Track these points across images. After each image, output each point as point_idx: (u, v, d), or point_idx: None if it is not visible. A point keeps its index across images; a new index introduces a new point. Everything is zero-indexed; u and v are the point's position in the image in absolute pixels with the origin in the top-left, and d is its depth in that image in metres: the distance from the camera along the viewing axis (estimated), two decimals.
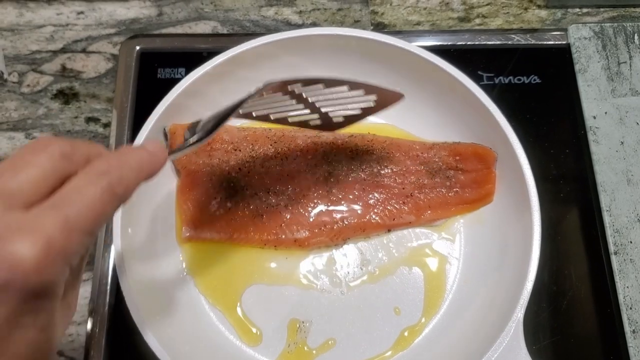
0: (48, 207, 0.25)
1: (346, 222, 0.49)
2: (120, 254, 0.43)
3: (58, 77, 0.58)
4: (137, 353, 0.43)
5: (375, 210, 0.49)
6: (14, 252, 0.24)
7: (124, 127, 0.53)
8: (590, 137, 0.54)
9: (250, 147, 0.50)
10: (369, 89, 0.42)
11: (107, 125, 0.56)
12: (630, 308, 0.48)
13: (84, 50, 0.59)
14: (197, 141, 0.36)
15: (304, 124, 0.45)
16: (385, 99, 0.44)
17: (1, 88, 0.57)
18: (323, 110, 0.44)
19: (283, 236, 0.49)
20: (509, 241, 0.47)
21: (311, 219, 0.49)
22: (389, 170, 0.50)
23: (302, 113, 0.43)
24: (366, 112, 0.45)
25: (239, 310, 0.48)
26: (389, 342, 0.47)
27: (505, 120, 0.48)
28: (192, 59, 0.52)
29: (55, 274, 0.25)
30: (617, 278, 0.49)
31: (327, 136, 0.51)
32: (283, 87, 0.40)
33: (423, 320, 0.47)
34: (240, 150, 0.50)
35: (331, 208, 0.49)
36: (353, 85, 0.42)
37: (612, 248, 0.50)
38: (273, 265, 0.49)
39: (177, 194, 0.50)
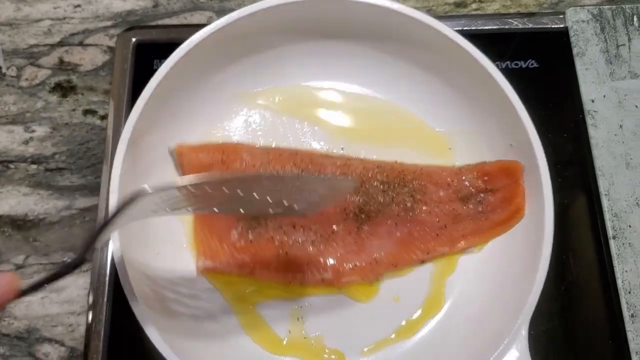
0: None
1: (378, 261, 0.46)
2: (119, 248, 0.41)
3: (56, 70, 0.58)
4: (137, 341, 0.43)
5: (409, 246, 0.47)
6: None
7: (121, 119, 0.53)
8: (589, 121, 0.53)
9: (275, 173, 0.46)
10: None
11: (104, 117, 0.56)
12: (629, 292, 0.48)
13: (81, 43, 0.59)
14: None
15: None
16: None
17: (0, 82, 0.58)
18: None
19: (309, 275, 0.45)
20: (517, 239, 0.47)
21: (340, 258, 0.45)
22: (423, 203, 0.47)
23: None
24: None
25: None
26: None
27: (520, 102, 0.47)
28: None
29: None
30: (615, 262, 0.49)
31: (356, 165, 0.48)
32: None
33: (423, 316, 0.47)
34: None
35: (362, 246, 0.46)
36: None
37: (610, 232, 0.50)
38: None
39: (194, 218, 0.47)
